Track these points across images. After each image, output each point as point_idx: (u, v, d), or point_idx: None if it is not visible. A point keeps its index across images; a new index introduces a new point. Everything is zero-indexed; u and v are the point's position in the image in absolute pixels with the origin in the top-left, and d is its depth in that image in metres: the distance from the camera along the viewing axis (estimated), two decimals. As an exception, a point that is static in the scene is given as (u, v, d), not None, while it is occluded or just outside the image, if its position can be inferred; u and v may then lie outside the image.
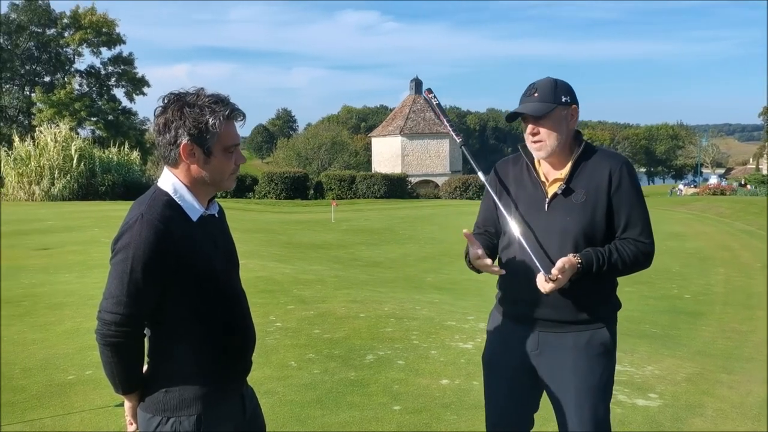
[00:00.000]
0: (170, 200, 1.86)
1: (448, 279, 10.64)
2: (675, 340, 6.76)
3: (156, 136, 1.90)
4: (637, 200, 2.38)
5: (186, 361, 1.87)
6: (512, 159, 2.58)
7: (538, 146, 2.38)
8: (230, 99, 1.91)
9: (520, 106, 2.40)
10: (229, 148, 1.90)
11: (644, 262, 2.37)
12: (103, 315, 1.82)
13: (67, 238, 13.33)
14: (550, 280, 2.20)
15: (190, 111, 1.83)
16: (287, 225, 20.87)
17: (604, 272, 2.29)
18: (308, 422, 3.93)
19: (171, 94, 1.88)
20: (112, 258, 1.83)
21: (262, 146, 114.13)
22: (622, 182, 2.35)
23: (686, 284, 10.72)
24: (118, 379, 1.87)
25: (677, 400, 4.42)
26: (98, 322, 1.83)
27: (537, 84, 2.41)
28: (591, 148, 2.45)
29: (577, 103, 2.41)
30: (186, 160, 1.87)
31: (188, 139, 1.84)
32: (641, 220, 2.37)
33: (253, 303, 2.18)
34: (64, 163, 32.46)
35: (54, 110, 49.07)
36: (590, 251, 2.28)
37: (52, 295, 7.47)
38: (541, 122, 2.35)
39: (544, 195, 2.41)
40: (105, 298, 1.82)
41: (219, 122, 1.84)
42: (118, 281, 1.79)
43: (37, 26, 54.42)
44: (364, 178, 42.02)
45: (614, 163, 2.38)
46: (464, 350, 5.43)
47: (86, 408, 4.09)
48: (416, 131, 51.07)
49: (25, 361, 5.00)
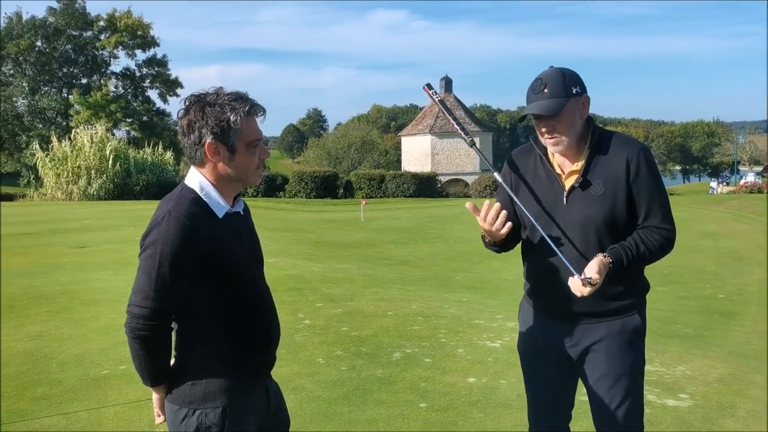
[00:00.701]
0: (197, 197, 1.91)
1: (477, 278, 10.60)
2: (708, 340, 6.64)
3: (181, 138, 1.95)
4: (656, 187, 2.33)
5: (211, 355, 1.91)
6: (525, 150, 2.53)
7: (555, 141, 2.33)
8: (248, 95, 1.94)
9: (530, 105, 2.32)
10: (252, 143, 1.94)
11: (668, 247, 2.35)
12: (132, 309, 1.86)
13: (102, 237, 13.65)
14: (588, 283, 2.14)
15: (212, 110, 1.87)
16: (317, 224, 21.02)
17: (635, 265, 2.28)
18: (335, 418, 3.97)
19: (192, 96, 1.92)
20: (140, 254, 1.87)
21: (293, 146, 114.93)
22: (641, 170, 2.30)
23: (720, 284, 10.50)
24: (146, 372, 1.92)
25: (708, 401, 4.34)
26: (127, 315, 1.87)
27: (544, 78, 2.31)
28: (605, 135, 2.38)
29: (586, 91, 2.34)
30: (212, 159, 1.91)
31: (212, 138, 1.88)
32: (661, 207, 2.34)
33: (282, 301, 2.23)
34: (100, 163, 33.23)
35: (91, 112, 50.26)
36: (617, 248, 2.26)
37: (87, 292, 7.67)
38: (555, 119, 2.29)
39: (561, 188, 2.37)
40: (134, 292, 1.86)
41: (240, 118, 1.88)
42: (147, 276, 1.84)
43: (74, 30, 55.76)
44: (393, 177, 42.04)
45: (631, 150, 2.32)
46: (492, 349, 5.42)
47: (120, 402, 4.20)
48: (446, 130, 50.89)
49: (61, 356, 5.15)
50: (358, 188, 41.56)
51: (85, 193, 32.23)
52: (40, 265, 9.74)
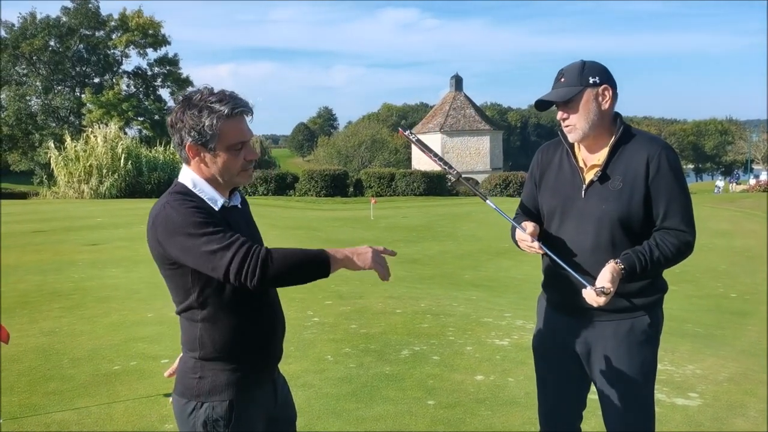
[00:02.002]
0: (191, 192, 1.92)
1: (486, 276, 10.59)
2: (719, 339, 6.59)
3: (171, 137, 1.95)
4: (677, 188, 2.29)
5: (218, 348, 1.92)
6: (554, 143, 2.55)
7: (569, 130, 2.36)
8: (237, 95, 1.90)
9: (548, 94, 2.37)
10: (234, 146, 1.90)
11: (686, 251, 2.30)
12: (233, 269, 1.74)
13: (114, 235, 13.76)
14: (602, 293, 2.13)
15: (190, 113, 1.86)
16: (327, 222, 21.05)
17: (649, 271, 2.24)
18: (343, 415, 3.99)
19: (181, 95, 1.92)
20: (168, 248, 1.83)
21: (303, 144, 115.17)
22: (661, 169, 2.27)
23: (733, 283, 10.43)
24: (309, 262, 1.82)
25: (718, 400, 4.32)
26: (246, 279, 1.74)
27: (565, 69, 2.36)
28: (630, 131, 2.37)
29: (611, 82, 2.33)
30: (194, 159, 1.92)
31: (191, 141, 1.88)
32: (681, 209, 2.28)
33: (291, 298, 2.24)
34: (112, 162, 33.41)
35: (103, 110, 50.60)
36: (630, 253, 2.23)
37: (99, 289, 7.74)
38: (569, 106, 2.32)
39: (581, 181, 2.38)
40: (213, 267, 1.76)
41: (215, 123, 1.84)
42: (197, 243, 1.76)
43: (87, 29, 56.13)
44: (403, 176, 41.98)
45: (653, 148, 2.30)
46: (500, 347, 5.41)
47: (131, 397, 4.24)
48: (456, 128, 50.78)
49: (73, 352, 5.21)
50: (368, 187, 41.54)
51: (96, 191, 32.44)
52: (53, 262, 9.84)
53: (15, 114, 52.25)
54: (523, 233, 2.36)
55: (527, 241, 2.36)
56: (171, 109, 1.94)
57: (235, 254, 1.75)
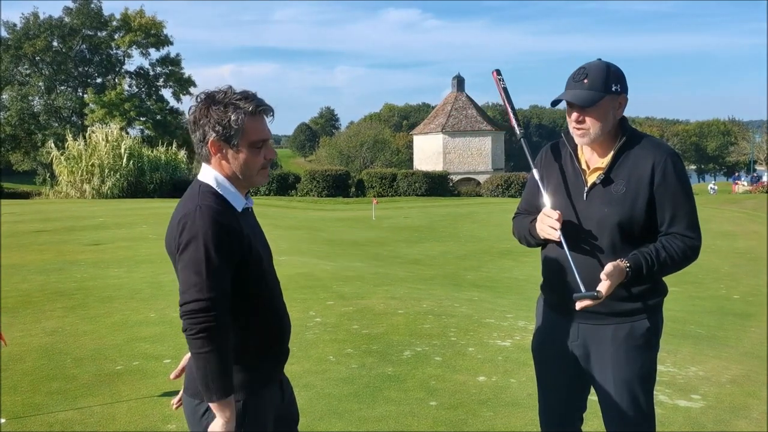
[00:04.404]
0: (216, 192, 1.92)
1: (488, 277, 10.59)
2: (721, 341, 6.59)
3: (191, 134, 1.97)
4: (683, 194, 2.28)
5: (231, 349, 1.92)
6: (559, 143, 2.53)
7: (581, 133, 2.32)
8: (258, 95, 1.93)
9: (567, 92, 2.31)
10: (256, 144, 1.93)
11: (692, 256, 2.30)
12: (188, 307, 1.79)
13: (117, 235, 13.79)
14: (594, 297, 2.13)
15: (216, 109, 1.89)
16: (329, 222, 21.06)
17: (655, 272, 2.23)
18: (345, 416, 3.99)
19: (202, 93, 1.94)
20: (180, 254, 1.84)
21: (305, 144, 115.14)
22: (666, 175, 2.26)
23: (735, 285, 10.42)
24: (215, 377, 1.78)
25: (720, 402, 4.32)
26: (184, 319, 1.79)
27: (588, 68, 2.30)
28: (636, 136, 2.35)
29: (627, 91, 2.32)
30: (216, 156, 1.93)
31: (215, 136, 1.90)
32: (687, 215, 2.28)
33: (293, 298, 2.25)
34: (114, 162, 33.46)
35: (105, 111, 50.63)
36: (638, 254, 2.22)
37: (102, 289, 7.75)
38: (587, 111, 2.27)
39: (583, 183, 2.36)
40: (185, 290, 1.81)
41: (241, 118, 1.88)
42: (196, 269, 1.80)
43: (89, 29, 56.18)
44: (405, 176, 41.99)
45: (659, 154, 2.28)
46: (502, 348, 5.41)
47: (133, 397, 4.25)
48: (458, 129, 50.74)
49: (76, 352, 5.22)
50: (370, 187, 41.56)
51: (98, 191, 32.49)
52: (56, 262, 9.86)
53: (18, 114, 52.30)
54: (552, 212, 2.32)
55: (553, 219, 2.29)
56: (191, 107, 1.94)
57: (200, 306, 1.77)
